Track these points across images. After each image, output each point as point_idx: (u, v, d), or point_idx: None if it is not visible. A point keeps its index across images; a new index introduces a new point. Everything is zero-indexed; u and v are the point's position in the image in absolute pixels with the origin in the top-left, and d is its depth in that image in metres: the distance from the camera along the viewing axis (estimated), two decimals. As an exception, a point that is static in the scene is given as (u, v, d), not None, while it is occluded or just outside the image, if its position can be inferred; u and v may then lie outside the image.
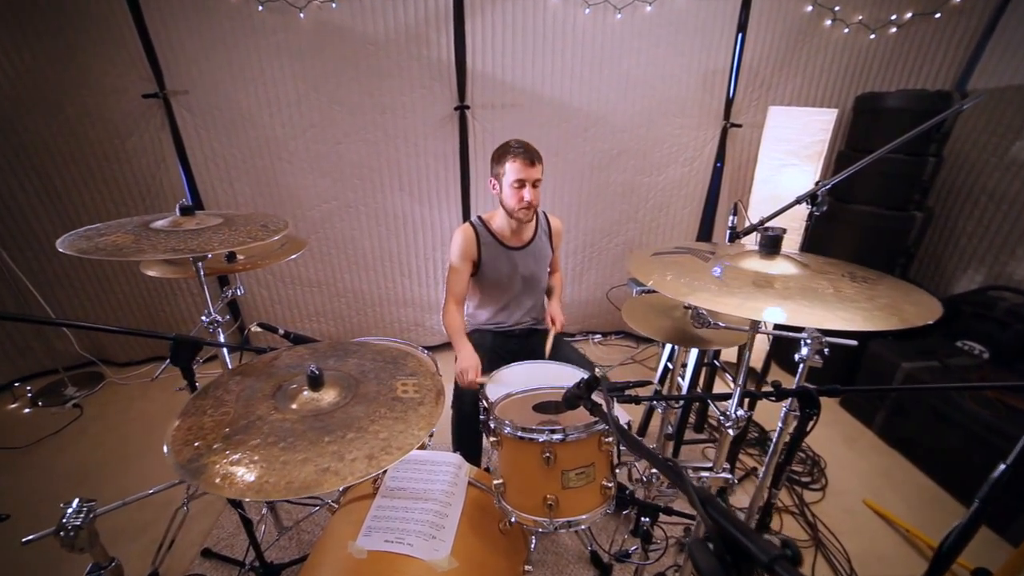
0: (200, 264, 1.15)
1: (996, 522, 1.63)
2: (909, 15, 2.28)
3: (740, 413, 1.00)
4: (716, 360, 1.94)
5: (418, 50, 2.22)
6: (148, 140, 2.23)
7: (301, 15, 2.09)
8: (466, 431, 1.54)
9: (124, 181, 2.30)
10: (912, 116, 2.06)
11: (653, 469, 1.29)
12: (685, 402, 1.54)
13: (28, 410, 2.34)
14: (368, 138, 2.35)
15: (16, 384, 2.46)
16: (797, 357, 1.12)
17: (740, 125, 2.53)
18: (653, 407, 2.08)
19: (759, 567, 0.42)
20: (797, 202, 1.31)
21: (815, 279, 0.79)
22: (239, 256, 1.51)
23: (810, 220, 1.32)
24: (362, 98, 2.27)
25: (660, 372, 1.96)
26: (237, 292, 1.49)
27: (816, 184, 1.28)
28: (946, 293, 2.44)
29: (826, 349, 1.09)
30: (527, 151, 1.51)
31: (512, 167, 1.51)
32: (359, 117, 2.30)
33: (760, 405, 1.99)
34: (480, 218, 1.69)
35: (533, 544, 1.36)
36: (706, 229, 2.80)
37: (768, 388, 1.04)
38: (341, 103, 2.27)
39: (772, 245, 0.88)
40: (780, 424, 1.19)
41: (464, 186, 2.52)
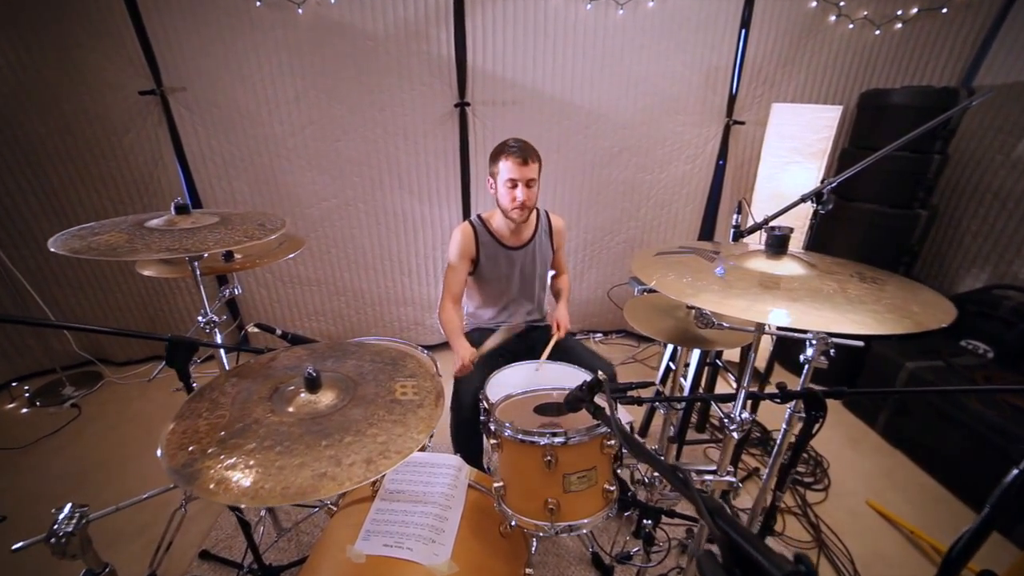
0: (196, 264, 1.13)
1: (1001, 524, 1.62)
2: (915, 10, 2.25)
3: (745, 416, 0.98)
4: (718, 360, 1.92)
5: (418, 46, 2.20)
6: (145, 137, 2.21)
7: (299, 11, 2.06)
8: (466, 432, 1.53)
9: (121, 179, 2.28)
10: (917, 113, 2.04)
11: (656, 472, 1.27)
12: (687, 403, 1.53)
13: (26, 410, 2.32)
14: (367, 135, 2.33)
15: (14, 384, 2.45)
16: (802, 358, 1.11)
17: (743, 122, 2.50)
18: (655, 408, 2.06)
19: (771, 583, 0.40)
20: (802, 200, 1.29)
21: (823, 280, 0.76)
22: (237, 255, 1.49)
23: (815, 219, 1.30)
24: (361, 95, 2.25)
25: (662, 372, 1.94)
26: (235, 292, 1.47)
27: (822, 182, 1.26)
28: (950, 292, 2.42)
29: (832, 350, 1.08)
30: (521, 150, 1.48)
31: (505, 166, 1.49)
32: (358, 114, 2.28)
33: (763, 404, 1.98)
34: (480, 217, 1.67)
35: (534, 547, 1.35)
36: (708, 227, 2.77)
37: (771, 389, 1.03)
38: (340, 100, 2.25)
39: (779, 245, 0.86)
40: (784, 426, 1.18)
41: (464, 184, 2.50)
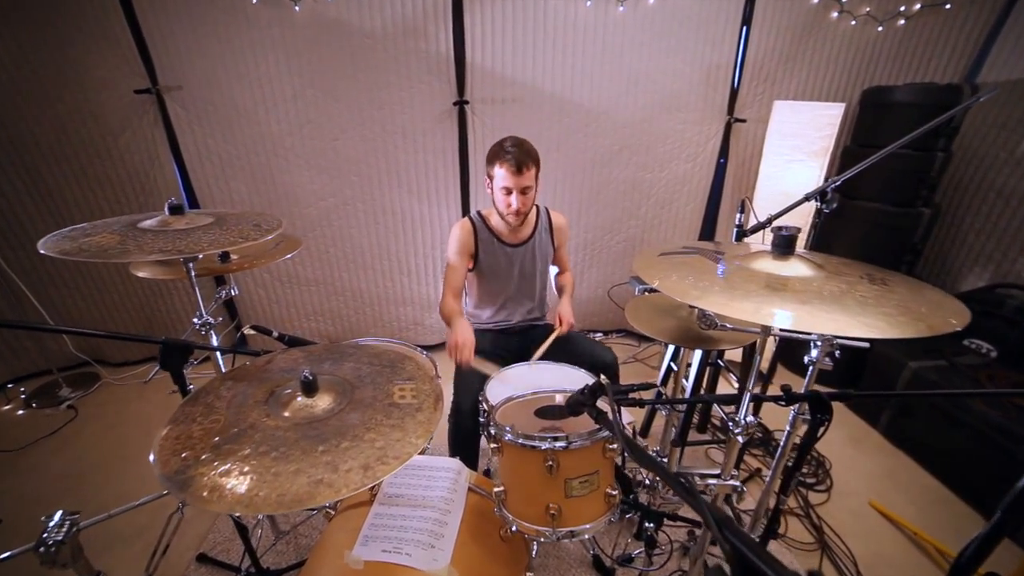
0: (191, 265, 1.12)
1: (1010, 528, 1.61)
2: (918, 6, 2.23)
3: (750, 419, 0.97)
4: (720, 360, 1.91)
5: (416, 44, 2.18)
6: (141, 137, 2.19)
7: (296, 8, 2.04)
8: (465, 433, 1.51)
9: (117, 179, 2.26)
10: (921, 110, 2.02)
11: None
12: (690, 405, 1.51)
13: (22, 412, 2.30)
14: (365, 134, 2.31)
15: (10, 385, 2.43)
16: (807, 359, 1.09)
17: (744, 120, 2.49)
18: (656, 409, 2.05)
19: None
20: (806, 199, 1.27)
21: (832, 281, 0.75)
22: (233, 256, 1.48)
23: (819, 218, 1.28)
24: (359, 93, 2.22)
25: (663, 372, 1.92)
26: (231, 293, 1.45)
27: (827, 180, 1.24)
28: (953, 291, 2.40)
29: (837, 352, 1.06)
30: (516, 157, 1.42)
31: (500, 173, 1.45)
32: (356, 113, 2.26)
33: (765, 403, 1.96)
34: (479, 213, 1.66)
35: (534, 550, 1.33)
36: (709, 226, 2.76)
37: (774, 389, 1.01)
38: (338, 98, 2.22)
39: (786, 245, 0.84)
40: (788, 428, 1.16)
41: (464, 182, 2.48)
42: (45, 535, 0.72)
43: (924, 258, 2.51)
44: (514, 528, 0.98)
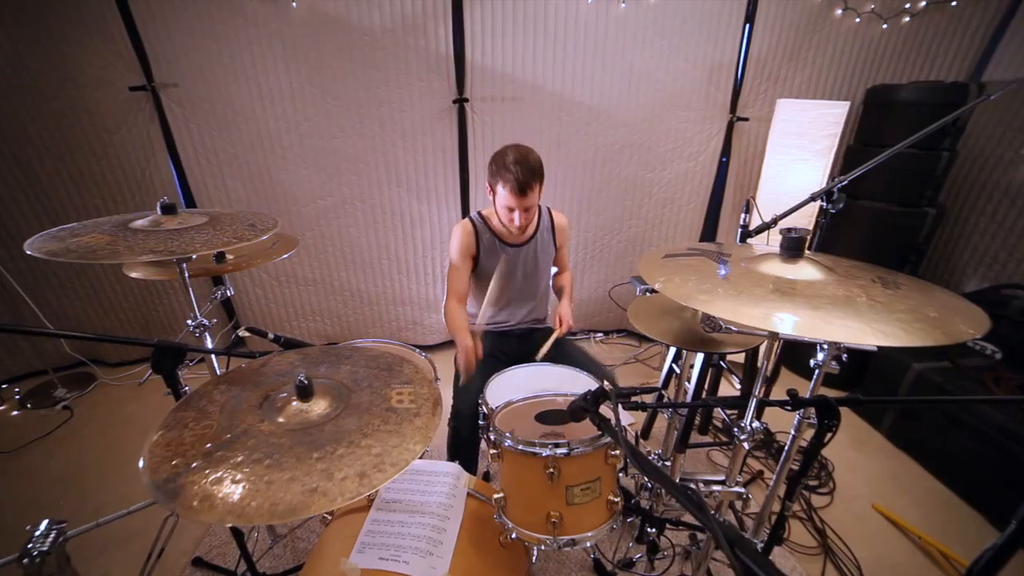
0: (184, 266, 1.09)
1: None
2: (923, 3, 2.20)
3: (756, 425, 0.95)
4: (722, 361, 1.89)
5: (415, 41, 2.15)
6: (137, 135, 2.16)
7: (294, 4, 2.01)
8: (465, 436, 1.49)
9: (113, 177, 2.23)
10: (926, 109, 2.00)
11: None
12: (692, 408, 1.49)
13: (16, 412, 2.28)
14: (364, 132, 2.28)
15: (4, 385, 2.41)
16: (813, 363, 1.07)
17: (747, 119, 2.46)
18: (658, 411, 2.03)
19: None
20: (812, 199, 1.25)
21: (843, 285, 0.72)
22: (229, 256, 1.45)
23: (825, 218, 1.26)
24: (357, 91, 2.20)
25: (664, 374, 1.90)
26: (226, 293, 1.43)
27: (833, 180, 1.22)
28: (957, 292, 2.38)
29: (844, 355, 1.04)
30: (519, 179, 1.37)
31: (502, 192, 1.42)
32: (355, 111, 2.23)
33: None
34: (480, 214, 1.63)
35: (534, 556, 1.31)
36: (711, 226, 2.74)
37: (777, 391, 0.99)
38: (336, 96, 2.20)
39: (795, 247, 0.81)
40: (793, 432, 1.14)
41: (463, 181, 2.46)
42: (30, 545, 0.70)
43: (928, 258, 2.48)
44: (514, 535, 0.96)
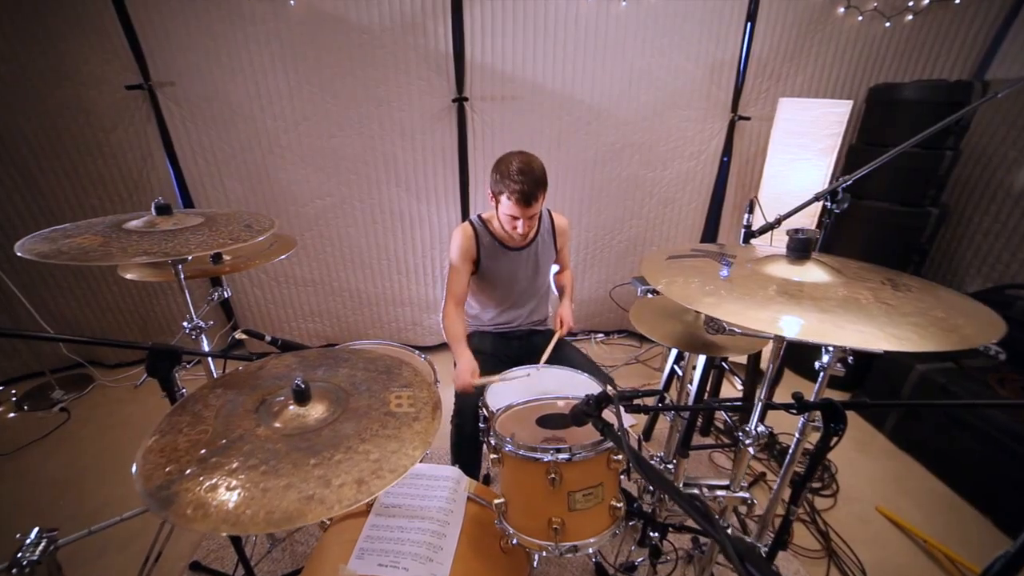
0: (180, 267, 1.07)
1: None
2: (926, 1, 2.18)
3: (761, 429, 0.93)
4: (724, 363, 1.87)
5: (415, 40, 2.13)
6: (134, 134, 2.14)
7: (292, 2, 1.99)
8: (466, 439, 1.48)
9: (110, 177, 2.22)
10: (930, 108, 1.98)
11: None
12: (694, 411, 1.47)
13: (13, 414, 2.26)
14: (363, 132, 2.26)
15: (1, 387, 2.39)
16: (818, 365, 1.05)
17: (748, 118, 2.44)
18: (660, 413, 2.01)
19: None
20: (816, 199, 1.24)
21: (852, 287, 0.70)
22: (226, 257, 1.44)
23: (829, 218, 1.24)
24: (356, 90, 2.18)
25: (666, 376, 1.89)
26: (224, 295, 1.41)
27: (837, 179, 1.20)
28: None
29: (850, 358, 1.02)
30: (524, 192, 1.35)
31: (507, 203, 1.41)
32: (353, 110, 2.21)
33: (770, 408, 1.92)
34: (480, 217, 1.62)
35: (536, 560, 1.30)
36: (712, 226, 2.72)
37: (780, 393, 0.97)
38: (335, 95, 2.18)
39: (802, 249, 0.80)
40: (797, 436, 1.12)
41: (463, 181, 2.44)
42: (19, 554, 0.68)
43: (930, 259, 2.47)
44: (515, 541, 0.95)
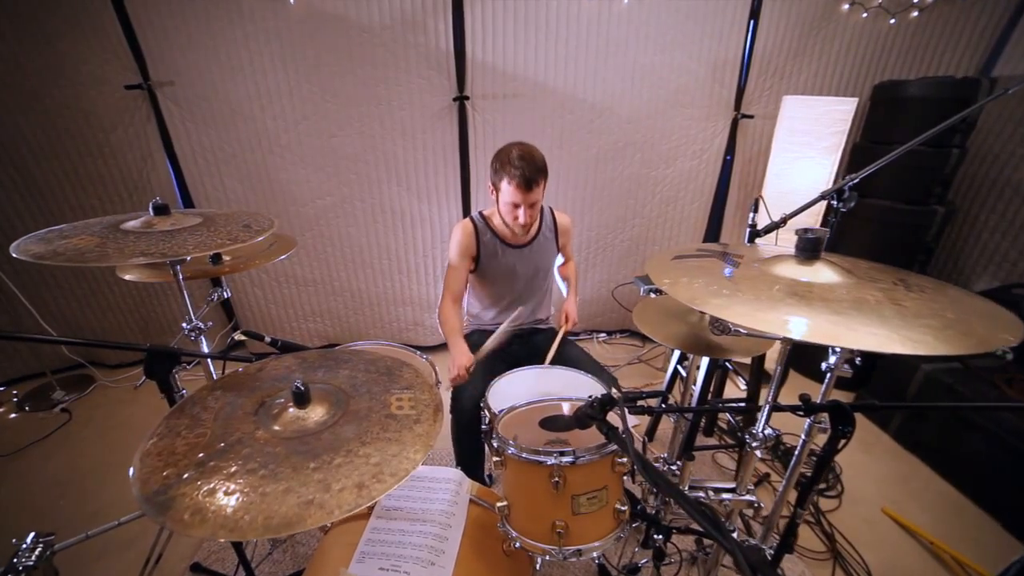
0: (178, 268, 1.06)
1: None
2: (932, -2, 2.17)
3: (768, 432, 0.91)
4: (728, 363, 1.86)
5: (415, 38, 2.12)
6: (133, 134, 2.13)
7: (291, 0, 1.98)
8: (467, 440, 1.47)
9: (110, 177, 2.21)
10: (936, 105, 1.96)
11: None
12: (700, 413, 1.46)
13: (15, 415, 2.26)
14: (363, 131, 2.25)
15: (2, 388, 2.39)
16: (824, 366, 1.03)
17: (752, 116, 2.42)
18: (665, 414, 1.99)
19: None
20: (823, 197, 1.22)
21: (864, 288, 0.69)
22: (225, 257, 1.43)
23: (836, 217, 1.22)
24: (356, 89, 2.17)
25: (669, 377, 1.87)
26: (223, 295, 1.40)
27: (843, 178, 1.18)
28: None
29: (858, 359, 1.01)
30: (525, 174, 1.35)
31: (507, 188, 1.39)
32: (354, 109, 2.20)
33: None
34: (481, 214, 1.60)
35: (538, 563, 1.28)
36: (715, 225, 2.70)
37: (786, 393, 0.96)
38: (335, 94, 2.17)
39: (812, 248, 0.78)
40: (803, 437, 1.11)
41: (464, 180, 2.42)
42: (15, 560, 0.67)
43: (936, 257, 2.45)
44: (518, 545, 0.93)
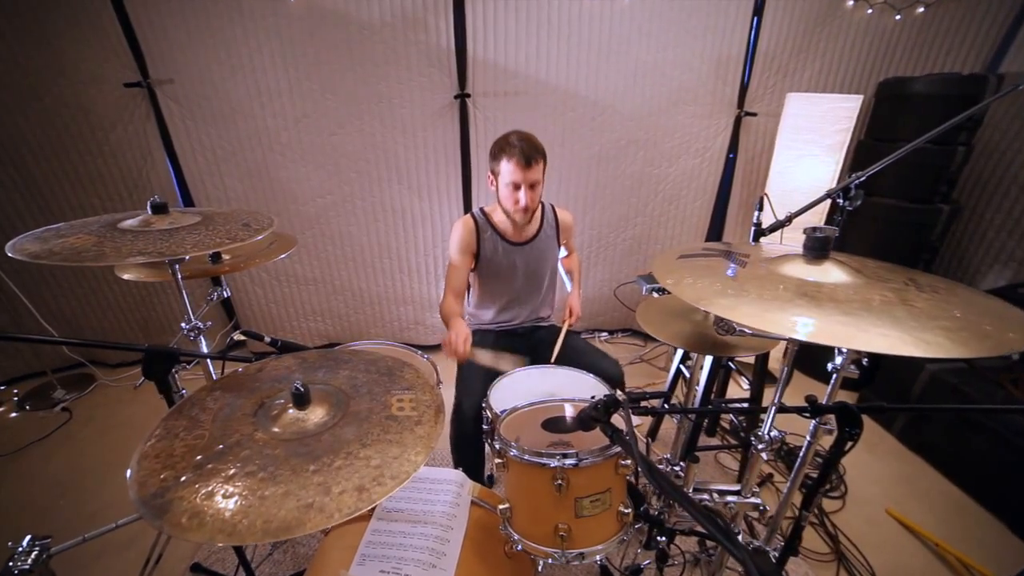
0: (177, 267, 1.05)
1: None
2: (938, -6, 2.14)
3: (775, 434, 0.90)
4: (731, 362, 1.84)
5: (416, 35, 2.10)
6: (133, 132, 2.12)
7: (291, -2, 1.97)
8: (468, 441, 1.45)
9: (110, 176, 2.20)
10: (943, 102, 1.94)
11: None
12: (705, 413, 1.45)
13: (15, 414, 2.25)
14: (364, 129, 2.23)
15: (2, 387, 2.38)
16: (830, 367, 1.02)
17: (755, 114, 2.41)
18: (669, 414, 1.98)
19: None
20: (828, 196, 1.20)
21: (874, 288, 0.67)
22: (225, 256, 1.42)
23: (841, 215, 1.21)
24: (357, 87, 2.15)
25: (672, 376, 1.85)
26: (223, 294, 1.39)
27: (848, 175, 1.17)
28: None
29: (865, 360, 0.99)
30: (524, 150, 1.36)
31: (507, 167, 1.38)
32: (354, 107, 2.19)
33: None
34: (482, 210, 1.59)
35: (540, 565, 1.28)
36: (718, 224, 2.68)
37: (791, 394, 0.94)
38: (335, 92, 2.15)
39: (820, 248, 0.77)
40: (808, 439, 1.10)
41: (465, 178, 2.41)
42: (11, 563, 0.66)
43: (941, 256, 2.43)
44: (519, 547, 0.92)
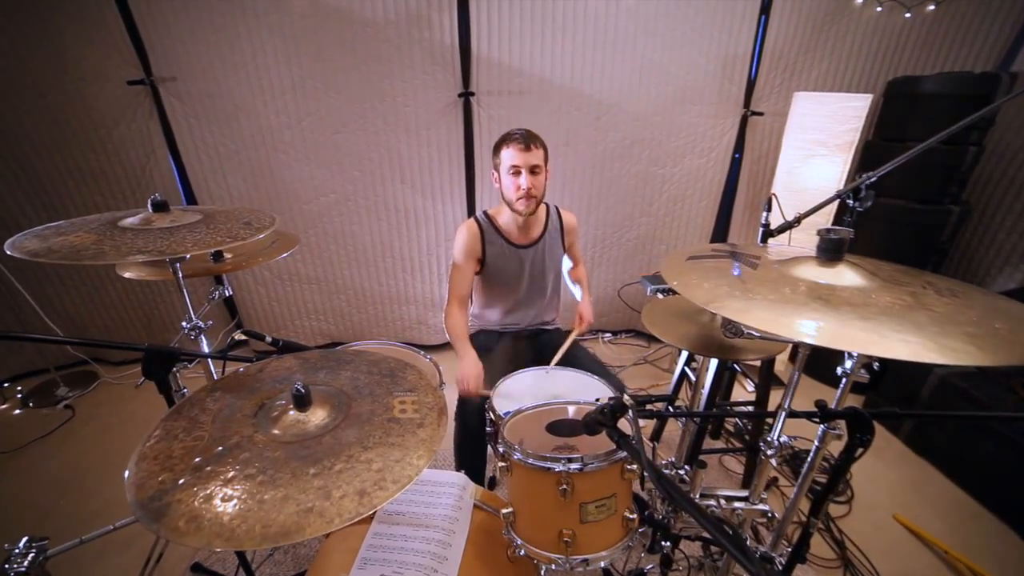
0: (178, 266, 1.04)
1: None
2: (949, -9, 2.11)
3: (784, 439, 0.88)
4: (735, 364, 1.82)
5: (419, 33, 2.09)
6: (136, 130, 2.12)
7: (294, -5, 1.96)
8: (470, 443, 1.44)
9: (113, 173, 2.20)
10: (954, 101, 1.91)
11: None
12: (711, 417, 1.43)
13: (18, 411, 2.26)
14: (367, 127, 2.22)
15: (6, 384, 2.39)
16: (840, 371, 1.00)
17: (761, 113, 2.38)
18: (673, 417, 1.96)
19: None
20: (838, 196, 1.19)
21: (891, 292, 0.65)
22: (227, 255, 1.41)
23: (851, 216, 1.19)
24: (360, 85, 2.14)
25: (676, 378, 1.84)
26: (225, 293, 1.38)
27: (857, 176, 1.15)
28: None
29: (876, 363, 0.97)
30: (524, 136, 1.41)
31: (507, 153, 1.42)
32: (357, 105, 2.18)
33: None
34: (486, 213, 1.58)
35: (543, 569, 1.26)
36: (723, 224, 2.66)
37: (799, 398, 0.93)
38: (338, 90, 2.14)
39: (835, 249, 0.75)
40: (817, 444, 1.08)
41: (469, 177, 2.40)
42: (7, 565, 0.66)
43: (950, 258, 2.39)
44: (523, 552, 0.91)
